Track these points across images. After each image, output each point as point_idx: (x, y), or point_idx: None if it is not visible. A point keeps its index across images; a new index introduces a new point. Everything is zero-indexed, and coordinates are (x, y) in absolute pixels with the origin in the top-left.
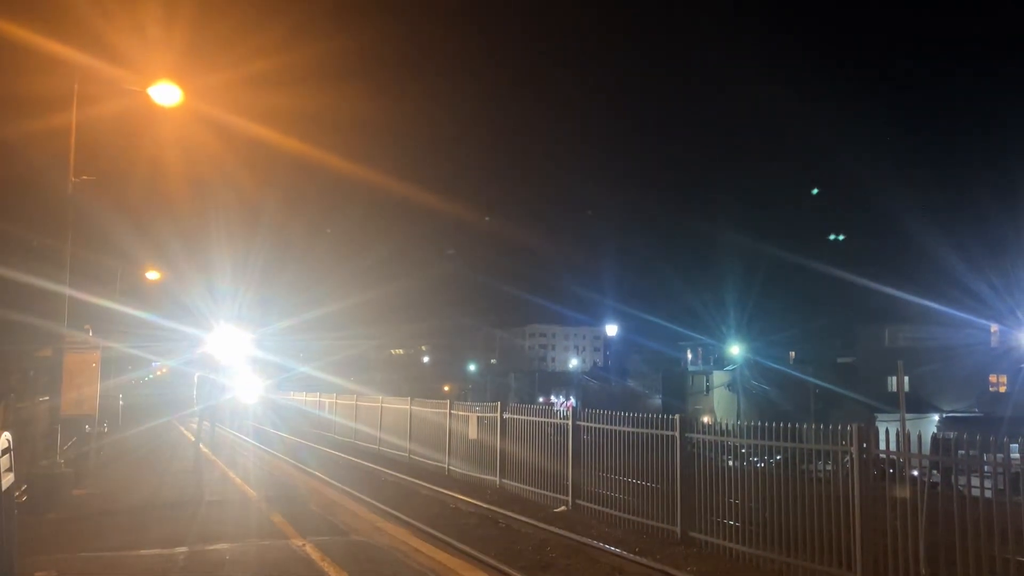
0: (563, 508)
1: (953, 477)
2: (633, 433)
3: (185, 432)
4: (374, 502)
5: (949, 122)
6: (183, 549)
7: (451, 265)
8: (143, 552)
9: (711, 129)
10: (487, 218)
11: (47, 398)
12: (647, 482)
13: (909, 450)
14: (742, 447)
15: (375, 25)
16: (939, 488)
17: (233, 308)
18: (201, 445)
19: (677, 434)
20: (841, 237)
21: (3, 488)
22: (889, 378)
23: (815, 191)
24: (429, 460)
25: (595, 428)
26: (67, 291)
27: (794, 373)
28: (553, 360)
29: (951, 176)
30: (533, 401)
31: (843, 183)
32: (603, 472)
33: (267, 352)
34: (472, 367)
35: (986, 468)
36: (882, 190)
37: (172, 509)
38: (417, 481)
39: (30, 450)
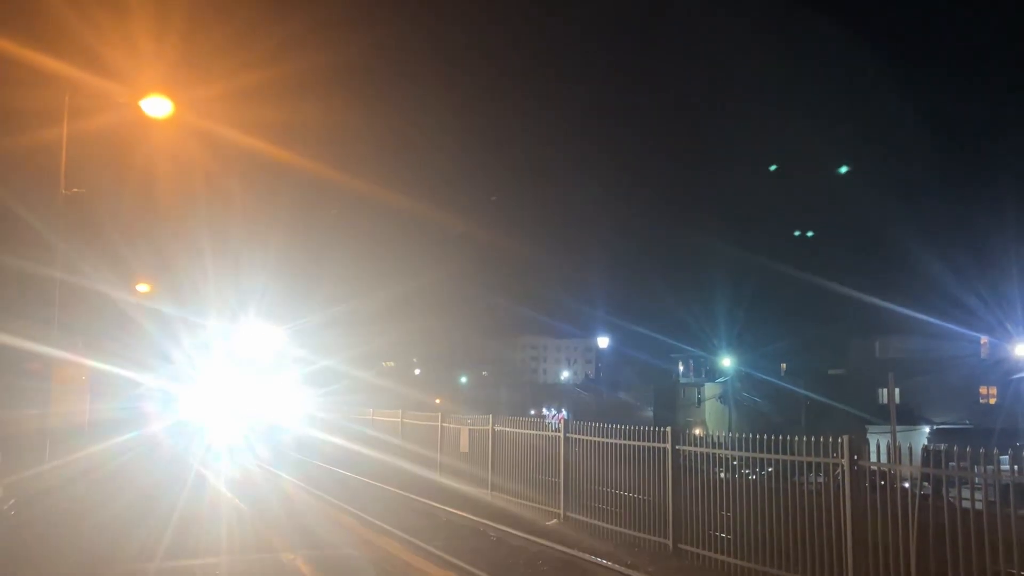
0: (555, 521)
1: (944, 489)
2: (625, 445)
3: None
4: (364, 515)
5: (940, 133)
6: (172, 563)
7: (442, 274)
8: (131, 566)
9: (703, 141)
10: (463, 224)
11: (35, 411)
12: (639, 494)
13: (900, 462)
14: (733, 459)
15: (366, 36)
16: (930, 500)
17: (225, 311)
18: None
19: (668, 446)
20: (810, 234)
21: None
22: (880, 390)
23: (773, 167)
24: (418, 472)
25: (586, 440)
26: (58, 289)
27: (785, 385)
28: (545, 372)
29: (942, 188)
30: (525, 413)
31: (836, 194)
32: (595, 484)
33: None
34: (463, 379)
35: (977, 480)
36: (873, 202)
37: (165, 520)
38: (410, 495)
39: (16, 462)
